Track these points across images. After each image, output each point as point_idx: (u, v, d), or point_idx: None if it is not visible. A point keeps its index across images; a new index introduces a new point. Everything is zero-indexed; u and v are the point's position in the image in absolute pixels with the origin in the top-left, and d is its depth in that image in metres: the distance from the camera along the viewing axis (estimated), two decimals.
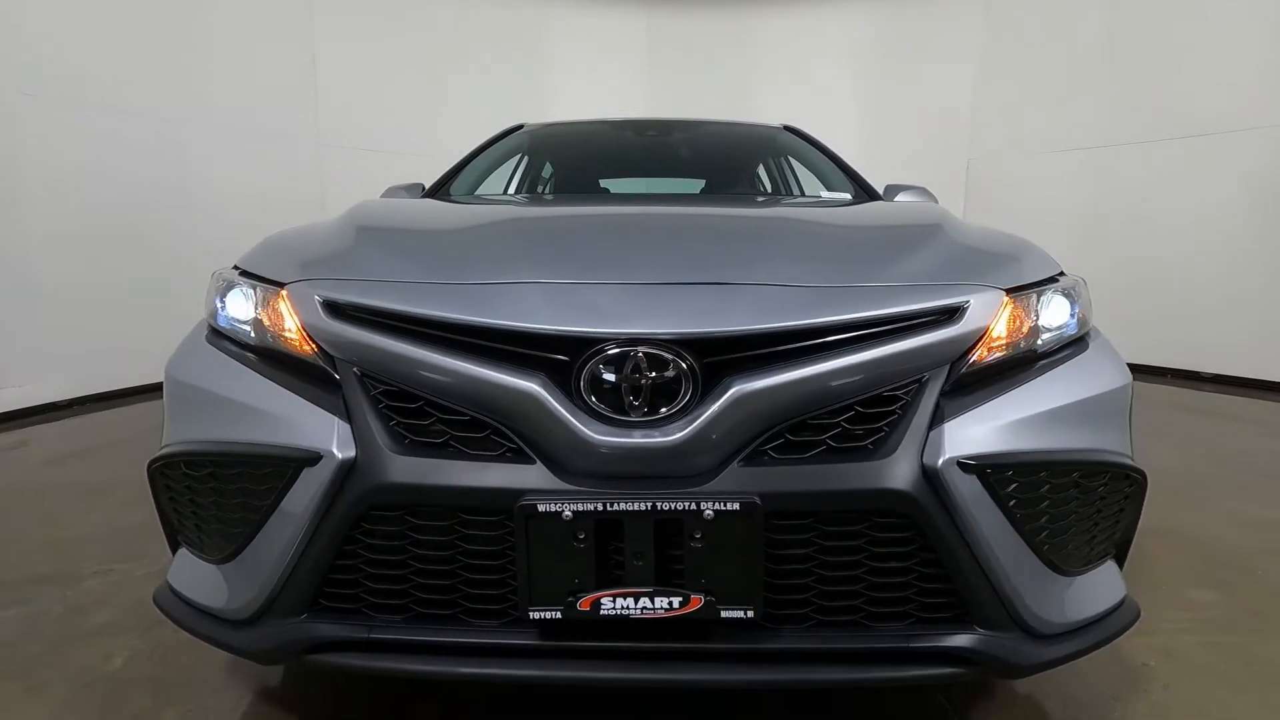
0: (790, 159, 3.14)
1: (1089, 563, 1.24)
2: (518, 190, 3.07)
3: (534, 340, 1.07)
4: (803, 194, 2.99)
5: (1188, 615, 1.82)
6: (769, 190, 3.13)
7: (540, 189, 3.12)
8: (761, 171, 3.22)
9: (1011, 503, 1.11)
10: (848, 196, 2.51)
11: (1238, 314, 5.00)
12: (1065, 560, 1.18)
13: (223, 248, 5.12)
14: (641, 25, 6.98)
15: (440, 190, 2.55)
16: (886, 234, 1.57)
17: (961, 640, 1.10)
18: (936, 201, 2.45)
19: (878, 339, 1.11)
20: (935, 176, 6.45)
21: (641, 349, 1.05)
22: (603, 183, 3.10)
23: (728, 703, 1.40)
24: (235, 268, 1.45)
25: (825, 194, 2.64)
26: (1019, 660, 1.12)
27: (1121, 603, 1.29)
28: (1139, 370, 5.48)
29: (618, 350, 1.05)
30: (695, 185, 3.16)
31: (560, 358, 1.07)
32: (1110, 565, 1.31)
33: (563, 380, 1.06)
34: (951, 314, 1.16)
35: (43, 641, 1.69)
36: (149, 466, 1.29)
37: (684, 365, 1.05)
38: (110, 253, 4.34)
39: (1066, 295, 1.35)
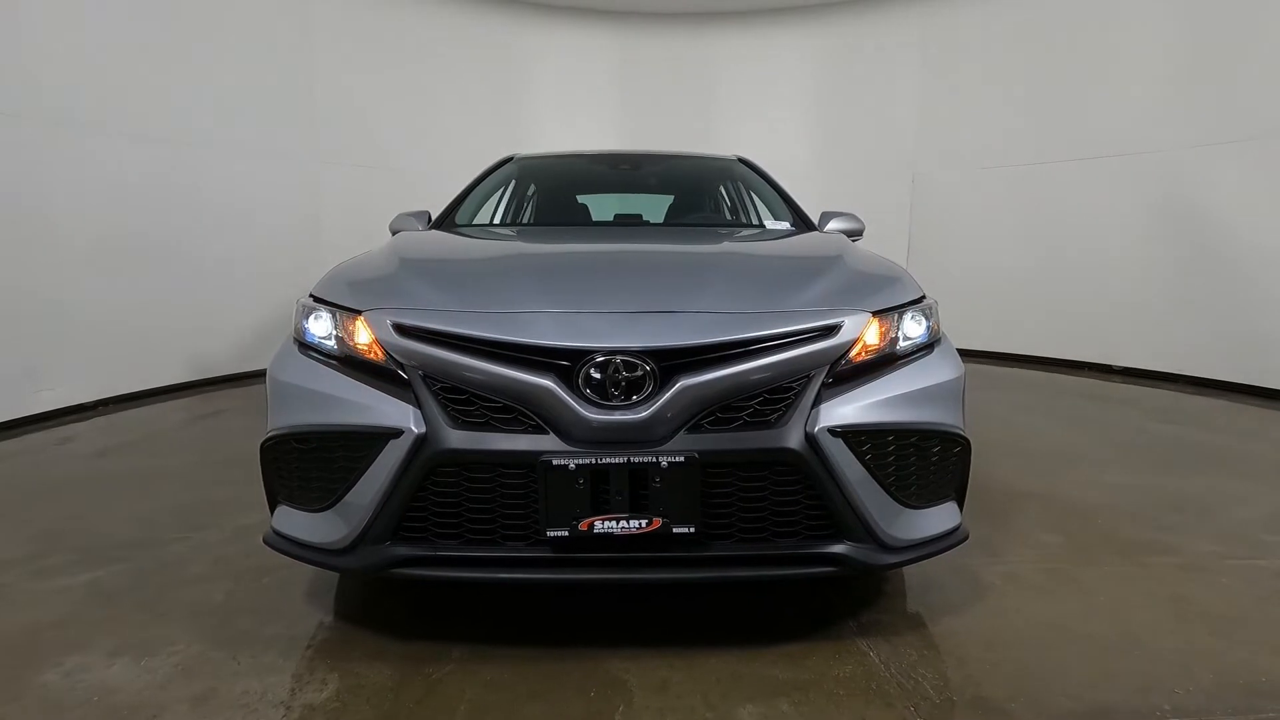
0: (743, 185, 3.68)
1: (930, 501, 1.79)
2: (506, 212, 3.57)
3: (547, 351, 1.60)
4: (756, 213, 3.52)
5: (1034, 552, 2.40)
6: (729, 206, 3.67)
7: (528, 211, 3.61)
8: (722, 191, 3.76)
9: (867, 457, 1.65)
10: (786, 225, 3.05)
11: (1143, 314, 5.68)
12: (910, 497, 1.73)
13: (234, 258, 5.60)
14: (613, 44, 7.50)
15: (447, 220, 3.03)
16: (795, 267, 2.12)
17: (835, 548, 1.65)
18: (863, 225, 3.01)
19: (778, 349, 1.65)
20: (883, 187, 7.13)
21: (619, 357, 1.57)
22: (581, 199, 3.61)
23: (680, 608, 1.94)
24: (312, 296, 1.95)
25: (769, 223, 3.17)
26: (873, 562, 1.68)
27: (955, 529, 1.84)
28: (1062, 364, 6.16)
29: (604, 358, 1.58)
30: (664, 200, 3.69)
31: (564, 363, 1.59)
32: (950, 504, 1.85)
33: (566, 378, 1.59)
34: (830, 331, 1.70)
35: (154, 586, 2.16)
36: (262, 445, 1.79)
37: (647, 368, 1.58)
38: (132, 267, 4.76)
39: (923, 313, 1.90)
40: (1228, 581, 2.20)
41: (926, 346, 1.88)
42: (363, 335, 1.75)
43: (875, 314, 1.79)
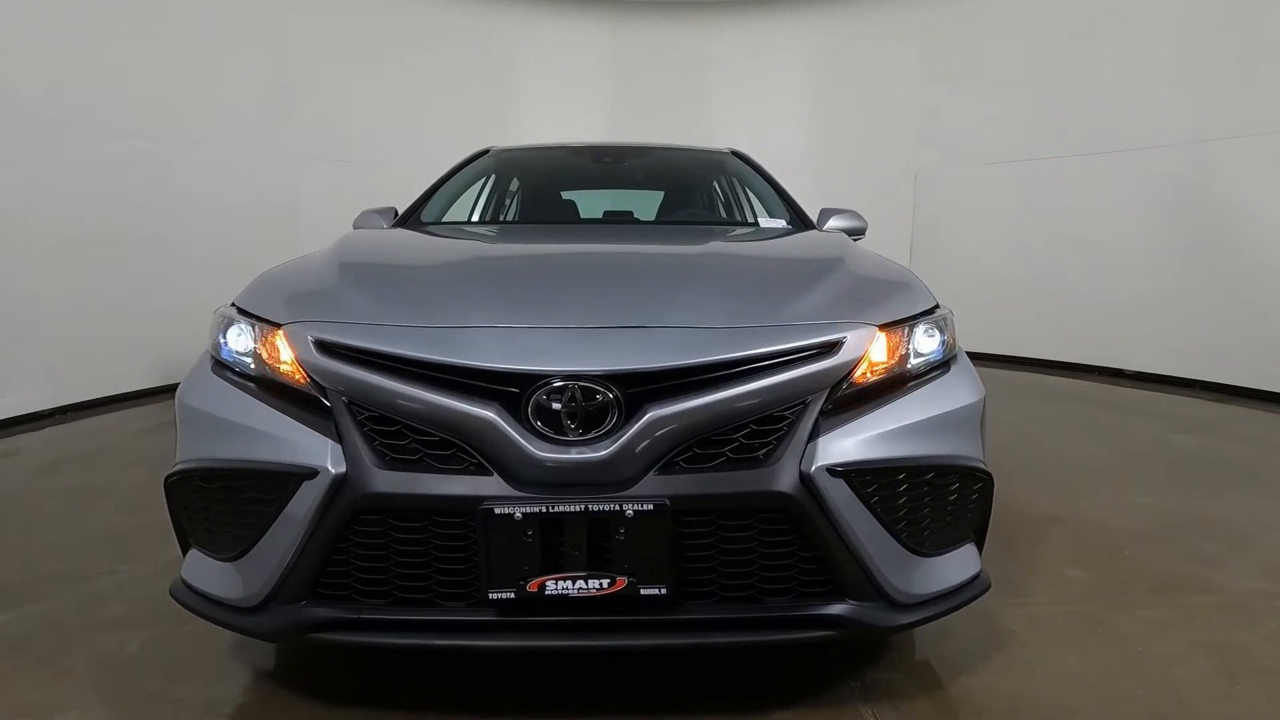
0: (736, 180, 3.41)
1: (946, 546, 1.52)
2: (484, 210, 3.30)
3: (490, 376, 1.33)
4: (751, 210, 3.25)
5: (1057, 590, 2.14)
6: (724, 202, 3.40)
7: (507, 207, 3.34)
8: (715, 186, 3.50)
9: (874, 500, 1.39)
10: (782, 223, 2.78)
11: (1154, 315, 5.41)
12: (923, 544, 1.47)
13: (211, 257, 5.33)
14: (608, 35, 7.22)
15: (412, 217, 2.76)
16: (789, 272, 1.86)
17: (835, 609, 1.39)
18: (865, 223, 2.74)
19: (768, 371, 1.38)
20: (886, 183, 6.84)
21: (577, 383, 1.31)
22: (567, 195, 3.34)
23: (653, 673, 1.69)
24: (234, 305, 1.68)
25: (764, 221, 2.90)
26: (881, 624, 1.42)
27: (975, 577, 1.58)
28: (1072, 368, 5.90)
29: (558, 384, 1.31)
30: (654, 197, 3.41)
31: (511, 390, 1.33)
32: (969, 547, 1.59)
33: (513, 407, 1.32)
34: (830, 348, 1.44)
35: (64, 632, 1.91)
36: (166, 480, 1.54)
37: (610, 395, 1.32)
38: (102, 266, 4.51)
39: (937, 326, 1.63)
40: (1277, 627, 1.94)
41: (941, 364, 1.61)
42: (284, 353, 1.49)
43: (882, 327, 1.53)
